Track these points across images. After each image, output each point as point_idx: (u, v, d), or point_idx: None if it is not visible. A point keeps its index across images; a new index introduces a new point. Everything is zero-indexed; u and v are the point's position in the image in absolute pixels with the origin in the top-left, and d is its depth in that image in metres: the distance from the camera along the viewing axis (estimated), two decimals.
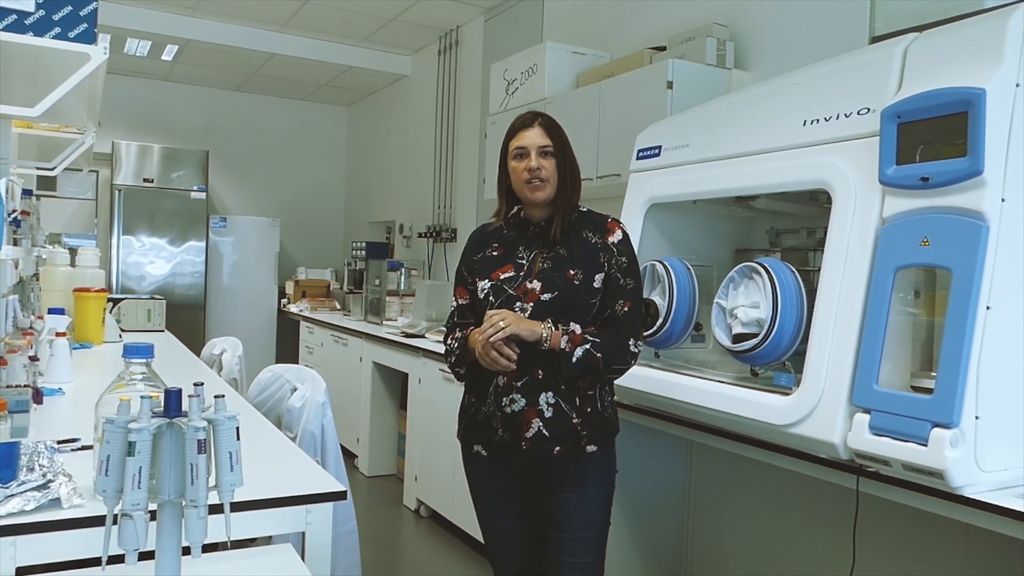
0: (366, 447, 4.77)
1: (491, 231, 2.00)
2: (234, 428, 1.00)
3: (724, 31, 3.06)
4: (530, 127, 1.90)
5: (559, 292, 1.84)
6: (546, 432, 1.82)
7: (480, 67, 4.98)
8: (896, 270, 1.64)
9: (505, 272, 1.91)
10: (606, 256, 1.89)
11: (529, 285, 1.87)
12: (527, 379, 1.82)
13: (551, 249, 1.91)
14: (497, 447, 1.87)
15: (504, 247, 1.95)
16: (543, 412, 1.82)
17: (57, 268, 3.48)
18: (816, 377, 1.76)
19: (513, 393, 1.83)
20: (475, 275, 1.94)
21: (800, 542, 2.45)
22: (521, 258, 1.92)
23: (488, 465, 1.93)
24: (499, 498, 1.96)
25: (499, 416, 1.84)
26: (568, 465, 1.85)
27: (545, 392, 1.82)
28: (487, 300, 1.89)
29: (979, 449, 1.51)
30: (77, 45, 1.58)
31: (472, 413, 1.93)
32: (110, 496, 0.95)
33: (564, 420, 1.83)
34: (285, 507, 1.40)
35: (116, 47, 5.65)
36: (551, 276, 1.86)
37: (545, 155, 1.88)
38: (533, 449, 1.82)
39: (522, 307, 1.84)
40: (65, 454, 1.53)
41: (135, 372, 1.16)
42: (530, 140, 1.88)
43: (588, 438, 1.85)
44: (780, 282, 1.91)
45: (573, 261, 1.88)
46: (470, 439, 1.95)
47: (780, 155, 2.00)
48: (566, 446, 1.83)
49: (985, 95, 1.52)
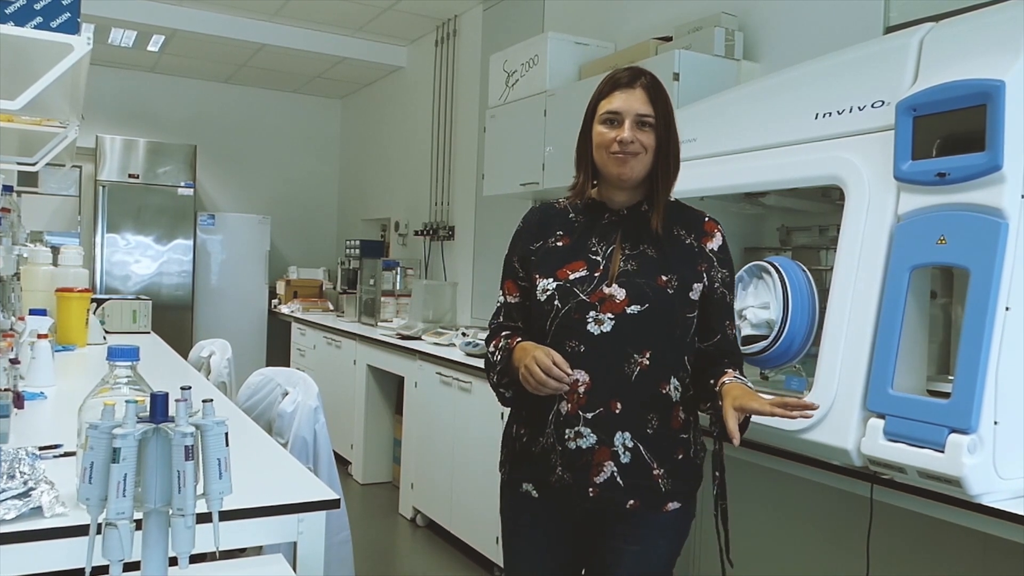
0: (360, 454, 4.77)
1: (555, 213, 1.68)
2: (223, 434, 1.00)
3: (733, 21, 3.06)
4: (630, 87, 1.58)
5: (650, 305, 1.53)
6: (620, 481, 1.52)
7: (479, 58, 4.98)
8: (912, 269, 1.64)
9: (575, 270, 1.58)
10: (705, 265, 1.60)
11: (607, 290, 1.55)
12: (600, 412, 1.52)
13: (635, 246, 1.59)
14: (554, 489, 1.57)
15: (571, 236, 1.63)
16: (619, 455, 1.52)
17: (39, 267, 3.47)
18: (828, 381, 1.76)
19: (580, 426, 1.52)
20: (533, 269, 1.63)
21: (812, 552, 2.45)
22: (595, 253, 1.59)
23: (539, 509, 1.63)
24: (543, 548, 1.67)
25: (559, 451, 1.54)
26: (641, 521, 1.58)
27: (622, 432, 1.52)
28: (551, 304, 1.58)
29: (998, 456, 1.51)
30: (59, 35, 1.58)
31: (524, 444, 1.62)
32: (94, 504, 0.95)
33: (643, 470, 1.53)
34: (276, 516, 1.40)
35: (100, 37, 5.65)
36: (637, 283, 1.54)
37: (643, 126, 1.57)
38: (601, 498, 1.53)
39: (598, 317, 1.54)
40: (47, 461, 1.53)
41: (120, 375, 1.16)
42: (627, 104, 1.56)
43: (672, 494, 1.56)
44: (791, 282, 1.91)
45: (666, 264, 1.57)
46: (518, 475, 1.65)
47: (791, 150, 2.00)
48: (643, 501, 1.54)
49: (1004, 87, 1.52)
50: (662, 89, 1.61)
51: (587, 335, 1.54)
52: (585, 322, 1.54)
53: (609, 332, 1.53)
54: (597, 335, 1.54)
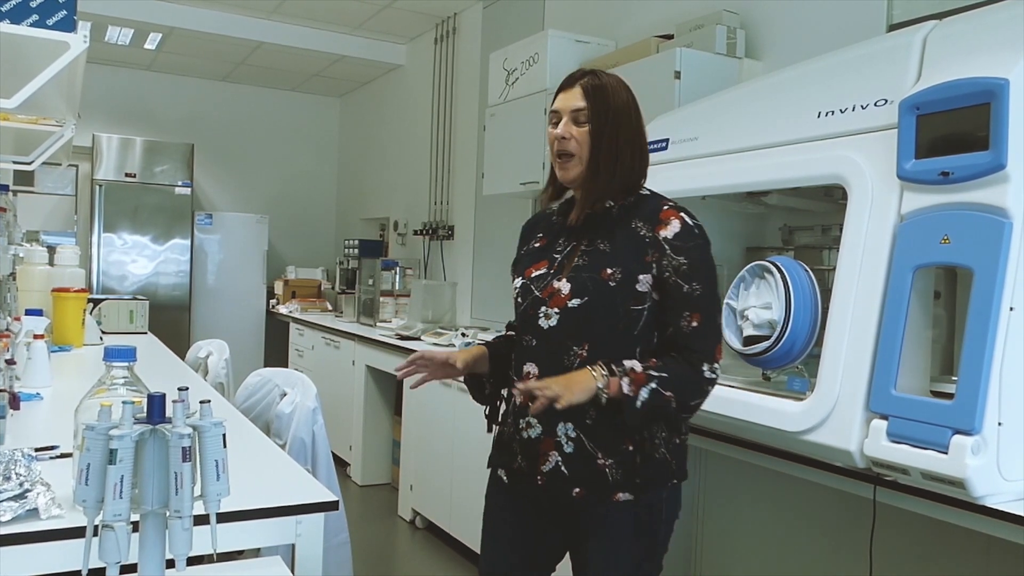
0: (359, 455, 4.77)
1: (542, 218, 1.78)
2: (220, 435, 1.00)
3: (735, 18, 3.06)
4: (570, 87, 1.63)
5: (589, 297, 1.56)
6: (565, 470, 1.57)
7: (479, 56, 4.98)
8: (915, 269, 1.64)
9: (539, 268, 1.67)
10: (655, 254, 1.57)
11: (555, 285, 1.61)
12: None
13: (592, 242, 1.63)
14: (516, 475, 1.67)
15: (548, 237, 1.72)
16: (562, 445, 1.58)
17: (35, 267, 3.47)
18: (831, 381, 1.76)
19: (529, 416, 1.60)
20: (514, 272, 1.75)
21: (814, 554, 2.45)
22: (558, 252, 1.67)
23: (505, 493, 1.73)
24: (506, 534, 1.74)
25: (518, 440, 1.65)
26: (592, 513, 1.60)
27: (564, 423, 1.57)
28: (516, 301, 1.70)
29: (1002, 457, 1.51)
30: (56, 33, 1.58)
31: (500, 431, 1.75)
32: (90, 506, 0.95)
33: (587, 460, 1.57)
34: (274, 518, 1.40)
35: (97, 35, 5.65)
36: (581, 277, 1.59)
37: (577, 122, 1.59)
38: (549, 486, 1.60)
39: (546, 312, 1.60)
40: (43, 462, 1.53)
41: (117, 376, 1.16)
42: (565, 103, 1.62)
43: (621, 484, 1.56)
44: (793, 282, 1.91)
45: (614, 257, 1.59)
46: (495, 460, 1.77)
47: (793, 148, 2.00)
48: (588, 489, 1.57)
49: (1008, 86, 1.52)
50: (604, 87, 1.61)
51: (538, 329, 1.63)
52: (537, 316, 1.62)
53: (555, 326, 1.60)
54: (545, 329, 1.62)
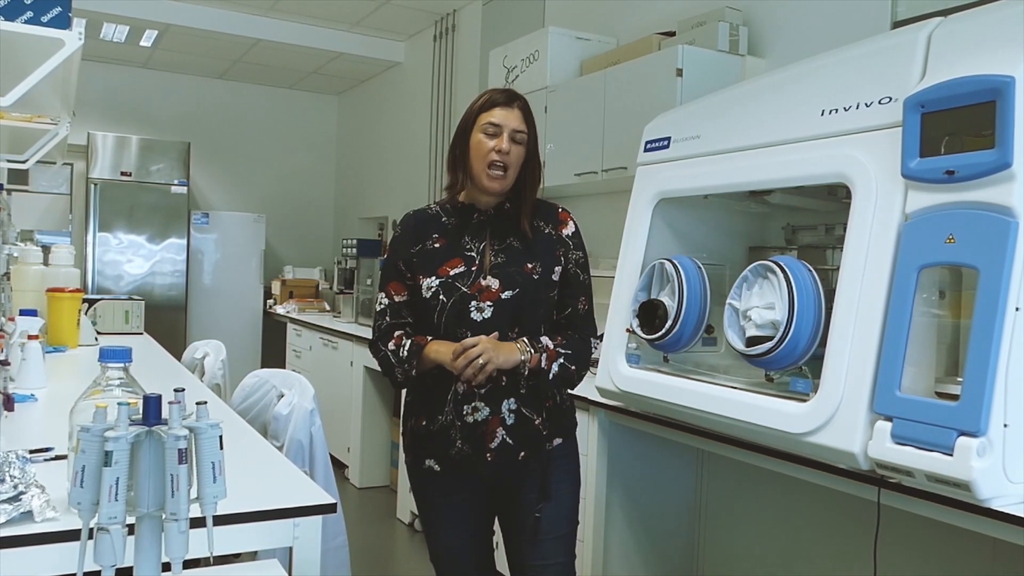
0: (357, 457, 4.77)
1: (428, 218, 1.93)
2: (217, 437, 1.00)
3: (737, 15, 3.06)
4: (509, 106, 1.86)
5: (520, 289, 1.83)
6: (510, 440, 1.83)
7: (478, 54, 4.98)
8: (920, 269, 1.64)
9: (455, 267, 1.85)
10: (562, 250, 1.92)
11: (484, 282, 1.83)
12: (491, 386, 1.81)
13: (502, 241, 1.88)
14: (455, 461, 1.84)
15: (447, 238, 1.89)
16: (505, 419, 1.82)
17: (29, 267, 3.47)
18: (835, 383, 1.76)
19: (476, 401, 1.81)
20: (416, 271, 1.87)
21: (818, 557, 2.45)
22: (470, 250, 1.87)
23: (443, 480, 1.89)
24: (454, 515, 1.94)
25: (459, 426, 1.82)
26: (534, 467, 1.87)
27: (508, 399, 1.83)
28: (436, 299, 1.83)
29: (1008, 459, 1.51)
30: (50, 30, 1.58)
31: (423, 427, 1.87)
32: (86, 509, 0.95)
33: (527, 424, 1.84)
34: (271, 520, 1.40)
35: (92, 32, 5.65)
36: (508, 271, 1.84)
37: (516, 142, 1.85)
38: (498, 459, 1.83)
39: (479, 306, 1.82)
40: (38, 464, 1.53)
41: (112, 377, 1.16)
42: (506, 120, 1.84)
43: (551, 434, 1.88)
44: (796, 282, 1.91)
45: (530, 254, 1.87)
46: (420, 453, 1.90)
47: (797, 147, 2.00)
48: (530, 449, 1.85)
49: (1014, 83, 1.52)
50: (531, 113, 1.91)
51: (472, 322, 1.83)
52: (469, 311, 1.82)
53: (490, 317, 1.82)
54: (480, 321, 1.83)
